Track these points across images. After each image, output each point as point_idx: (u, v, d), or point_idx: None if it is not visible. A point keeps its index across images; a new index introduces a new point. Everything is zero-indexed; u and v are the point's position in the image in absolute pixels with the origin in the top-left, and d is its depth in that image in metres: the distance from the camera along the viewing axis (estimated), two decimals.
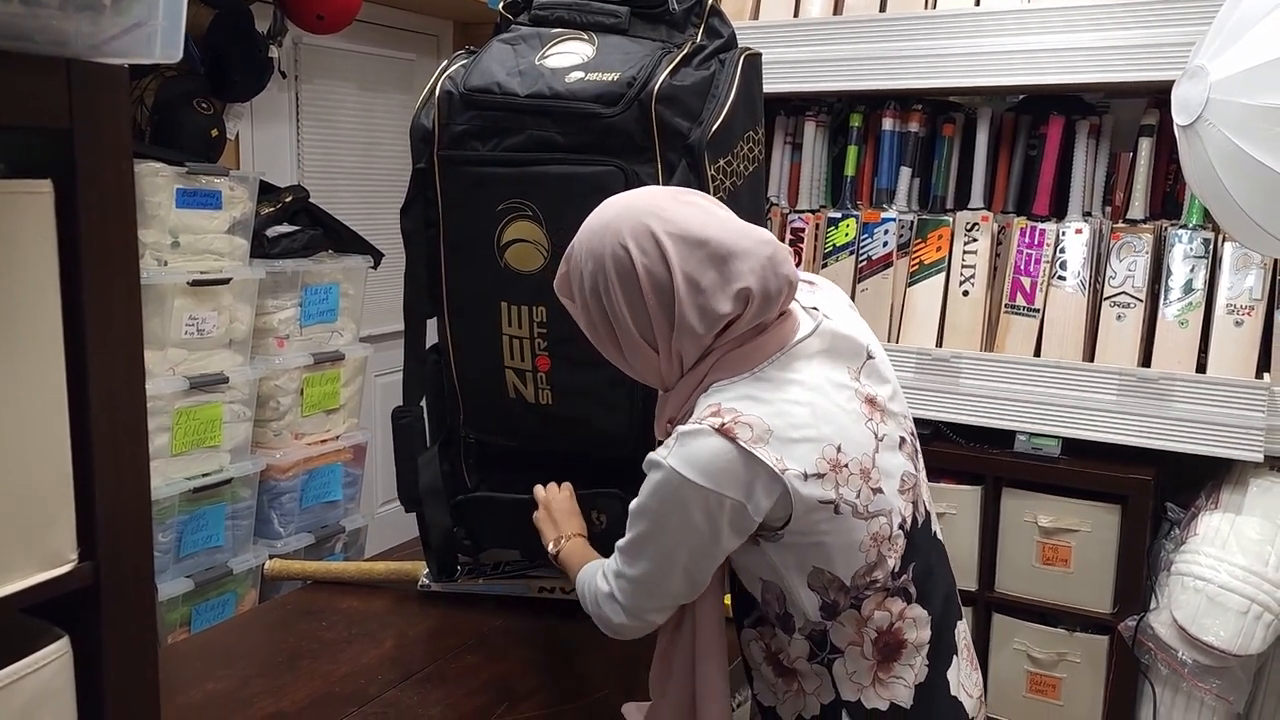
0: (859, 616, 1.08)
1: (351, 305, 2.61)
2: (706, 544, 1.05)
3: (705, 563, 1.07)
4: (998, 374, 2.33)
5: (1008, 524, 2.33)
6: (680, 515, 1.03)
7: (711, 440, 1.02)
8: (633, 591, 1.11)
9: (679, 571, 1.07)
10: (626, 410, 1.42)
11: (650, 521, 1.06)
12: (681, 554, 1.05)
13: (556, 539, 1.31)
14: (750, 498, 1.02)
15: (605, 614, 1.14)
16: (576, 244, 1.08)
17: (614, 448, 1.45)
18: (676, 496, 1.02)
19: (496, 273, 1.43)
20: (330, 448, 2.53)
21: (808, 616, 1.09)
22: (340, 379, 2.54)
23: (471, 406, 1.55)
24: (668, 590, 1.09)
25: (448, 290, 1.52)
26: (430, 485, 1.56)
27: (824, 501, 1.04)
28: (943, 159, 2.55)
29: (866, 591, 1.08)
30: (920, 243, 2.47)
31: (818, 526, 1.04)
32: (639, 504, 1.07)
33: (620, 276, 1.04)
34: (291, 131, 2.93)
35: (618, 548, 1.12)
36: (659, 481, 1.03)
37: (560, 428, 1.47)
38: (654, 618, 1.12)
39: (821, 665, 1.10)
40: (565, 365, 1.44)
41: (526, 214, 1.40)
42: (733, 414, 1.03)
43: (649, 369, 1.09)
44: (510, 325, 1.44)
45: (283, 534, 2.45)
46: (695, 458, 1.02)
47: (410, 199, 1.51)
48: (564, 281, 1.11)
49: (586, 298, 1.07)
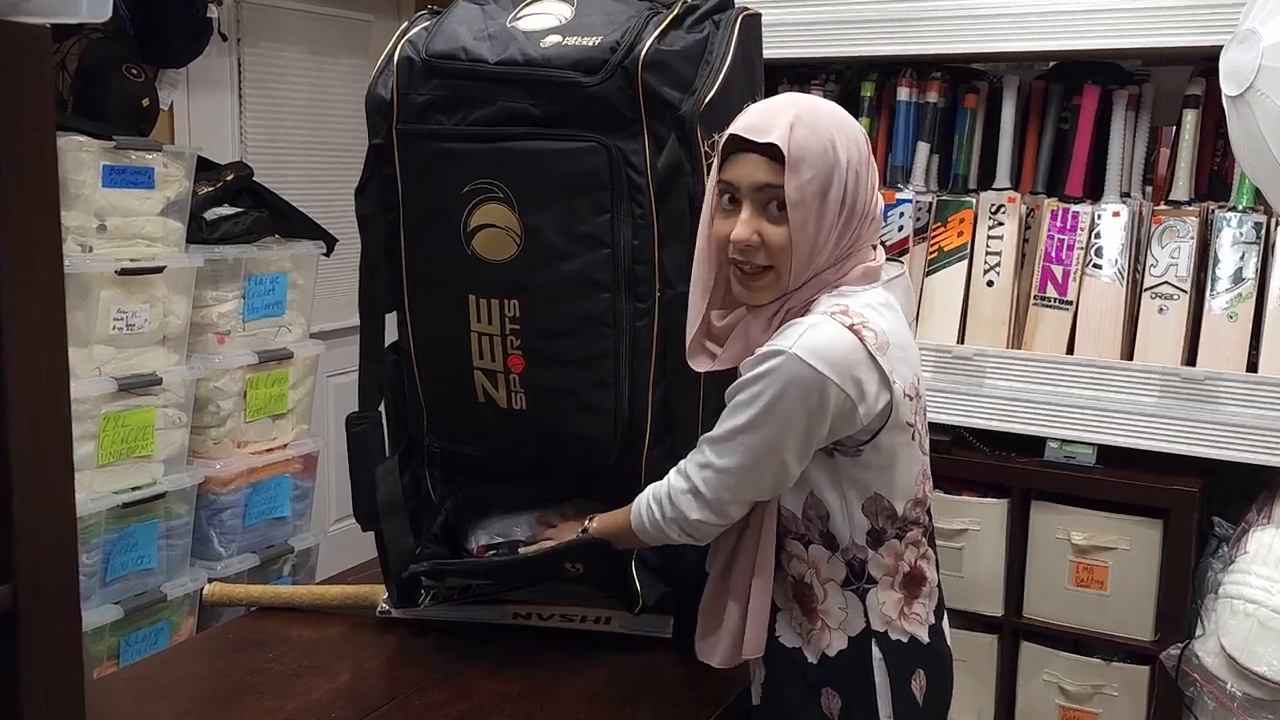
0: (898, 549, 1.27)
1: (301, 297, 2.61)
2: (810, 435, 1.19)
3: (803, 454, 1.21)
4: (1026, 373, 2.34)
5: (1037, 541, 2.34)
6: (793, 402, 1.16)
7: (843, 334, 1.17)
8: (720, 483, 1.24)
9: (776, 461, 1.20)
10: (610, 414, 1.43)
11: (758, 409, 1.18)
12: (786, 442, 1.19)
13: (581, 530, 1.42)
14: (863, 399, 1.18)
15: (681, 510, 1.27)
16: (815, 117, 1.20)
17: (596, 456, 1.45)
18: (796, 383, 1.16)
19: (463, 262, 1.43)
20: (277, 457, 2.53)
21: (854, 539, 1.25)
22: (288, 380, 2.54)
23: (436, 411, 1.55)
24: (758, 481, 1.23)
25: (408, 281, 1.52)
26: (389, 500, 1.56)
27: (909, 424, 1.23)
28: (965, 133, 2.56)
29: (910, 526, 1.27)
30: (939, 227, 2.48)
31: (896, 450, 1.23)
32: (743, 394, 1.19)
33: (867, 156, 1.23)
34: (233, 101, 2.93)
35: (707, 441, 1.25)
36: (775, 367, 1.17)
37: (536, 434, 1.47)
38: (734, 511, 1.26)
39: (854, 594, 1.27)
40: (541, 365, 1.44)
41: (496, 196, 1.40)
42: (860, 317, 1.20)
43: (811, 258, 1.22)
44: (479, 321, 1.45)
45: (223, 554, 2.45)
46: (823, 347, 1.16)
47: (366, 178, 1.51)
48: (807, 140, 1.19)
49: (837, 166, 1.19)
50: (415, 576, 1.57)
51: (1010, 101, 2.50)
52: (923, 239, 2.50)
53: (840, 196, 1.20)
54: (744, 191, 1.22)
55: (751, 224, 1.21)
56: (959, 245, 2.46)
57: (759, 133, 1.20)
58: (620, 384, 1.42)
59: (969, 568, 2.37)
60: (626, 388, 1.42)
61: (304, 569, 2.63)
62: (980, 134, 2.56)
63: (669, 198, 1.38)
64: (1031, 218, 2.46)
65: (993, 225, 2.44)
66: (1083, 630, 2.32)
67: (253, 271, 2.47)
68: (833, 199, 1.20)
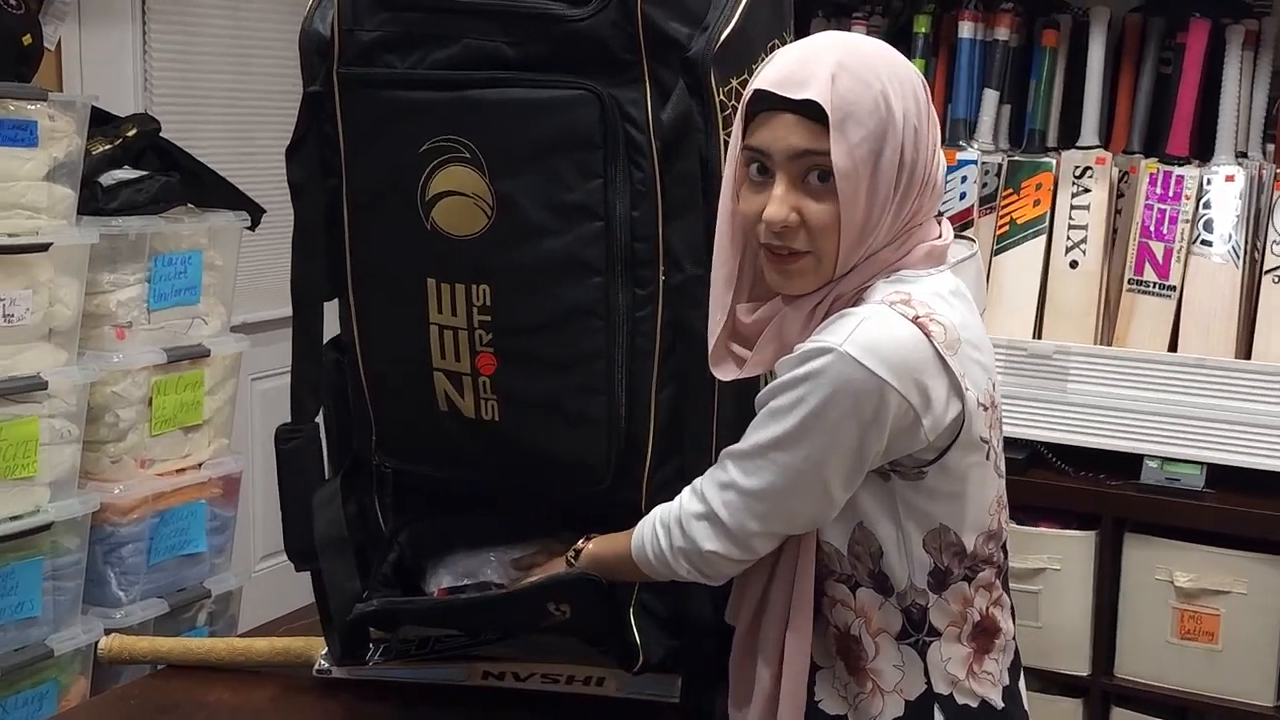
0: (966, 593, 1.27)
1: (220, 281, 2.61)
2: (862, 454, 1.18)
3: (851, 478, 1.21)
4: (1118, 376, 2.33)
5: (1132, 584, 2.34)
6: (842, 412, 1.15)
7: (906, 329, 1.17)
8: (745, 508, 1.23)
9: (817, 486, 1.20)
10: (602, 428, 1.43)
11: (797, 419, 1.17)
12: (831, 462, 1.18)
13: (571, 555, 1.43)
14: (928, 409, 1.17)
15: (694, 538, 1.26)
16: (862, 63, 1.19)
17: (585, 481, 1.45)
18: (846, 388, 1.14)
19: (421, 238, 1.43)
20: (190, 480, 2.53)
21: (912, 581, 1.25)
22: (204, 384, 2.54)
23: (387, 423, 1.55)
24: (793, 510, 1.22)
25: (352, 262, 1.51)
26: (330, 533, 1.56)
27: (983, 441, 1.23)
28: (1042, 78, 2.55)
29: (982, 565, 1.27)
30: (1012, 194, 2.48)
31: (967, 471, 1.23)
32: (780, 399, 1.19)
33: (926, 107, 1.22)
34: (135, 38, 2.92)
35: (731, 455, 1.24)
36: (821, 368, 1.15)
37: (510, 453, 1.47)
38: (759, 545, 1.25)
39: (913, 648, 1.26)
40: (516, 366, 1.43)
41: (462, 157, 1.40)
42: (926, 308, 1.19)
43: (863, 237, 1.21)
44: (440, 311, 1.44)
45: (124, 600, 2.44)
46: (881, 345, 1.15)
47: (300, 136, 1.50)
48: (854, 93, 1.18)
49: (891, 123, 1.18)
50: (362, 624, 1.57)
51: (1099, 39, 2.49)
52: (990, 209, 2.50)
53: (896, 160, 1.19)
54: (777, 161, 1.21)
55: (787, 200, 1.20)
56: (1035, 217, 2.45)
57: (793, 87, 1.19)
58: (615, 390, 1.41)
59: (1048, 616, 2.37)
60: (623, 395, 1.41)
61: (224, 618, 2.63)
62: (1062, 79, 2.56)
63: (676, 159, 1.38)
64: (1125, 183, 2.45)
65: (1077, 192, 2.43)
66: (1188, 694, 2.32)
67: (160, 249, 2.47)
68: (887, 164, 1.19)
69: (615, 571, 1.39)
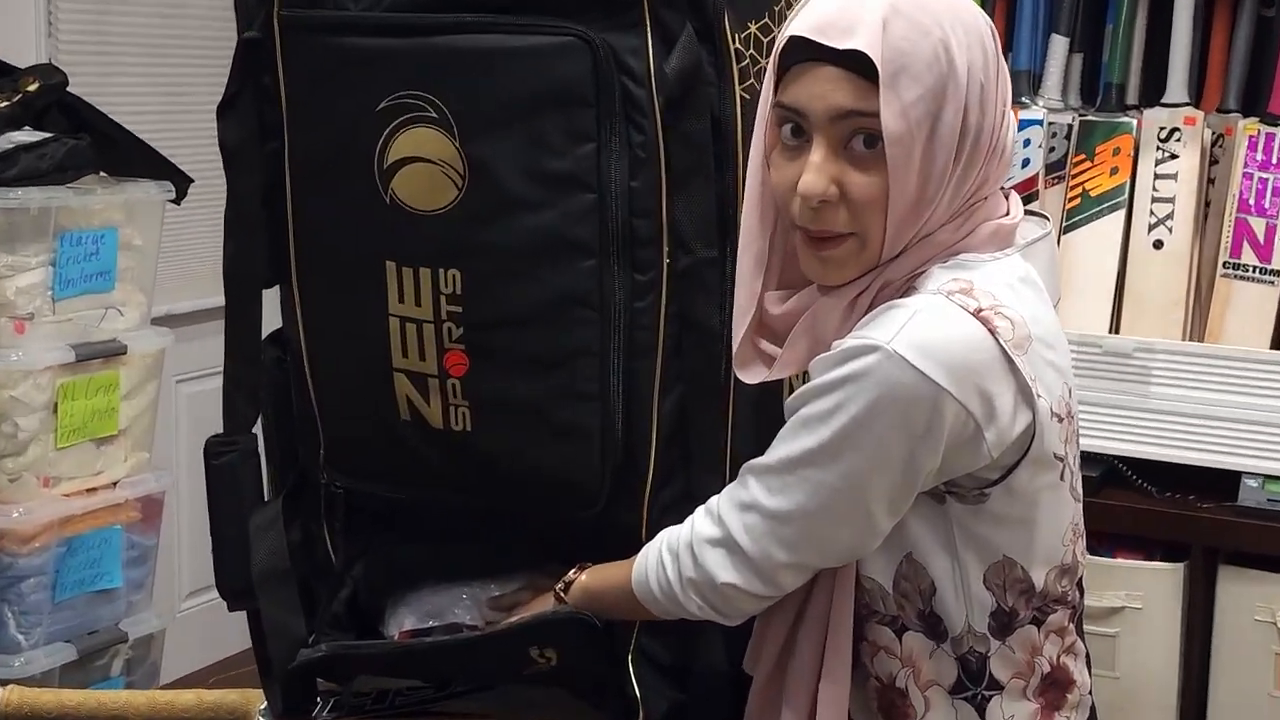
0: (1034, 639, 1.26)
1: (139, 264, 2.60)
2: (913, 472, 1.17)
3: (899, 500, 1.20)
4: (1211, 378, 2.33)
5: (1228, 625, 2.34)
6: (889, 422, 1.15)
7: (966, 324, 1.16)
8: (770, 533, 1.22)
9: (858, 510, 1.19)
10: (594, 440, 1.42)
11: (835, 429, 1.17)
12: (874, 482, 1.17)
13: (560, 588, 1.44)
14: (992, 420, 1.16)
15: (707, 569, 1.25)
16: (917, 5, 1.19)
17: (574, 503, 1.45)
18: (895, 393, 1.14)
19: (378, 214, 1.43)
20: (104, 501, 2.52)
21: (971, 625, 1.25)
22: (120, 387, 2.53)
23: (338, 435, 1.55)
24: (827, 537, 1.22)
25: (297, 242, 1.51)
26: (270, 565, 1.56)
27: (1056, 457, 1.22)
28: (1121, 23, 2.55)
29: (1053, 605, 1.26)
30: (1083, 161, 2.48)
31: (1038, 493, 1.22)
32: (814, 405, 1.19)
33: (995, 59, 1.24)
34: None
35: (755, 471, 1.24)
36: (864, 369, 1.15)
37: (485, 470, 1.47)
38: (785, 579, 1.24)
39: (970, 704, 1.26)
40: (492, 367, 1.44)
41: (427, 116, 1.40)
42: (991, 300, 1.18)
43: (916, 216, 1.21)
44: (402, 301, 1.44)
45: (24, 644, 2.44)
46: (937, 343, 1.15)
47: (235, 91, 1.50)
48: (909, 42, 1.18)
49: (953, 78, 1.18)
50: (308, 673, 1.56)
51: None
52: (1058, 179, 2.50)
53: (958, 123, 1.18)
54: (815, 122, 1.20)
55: (826, 170, 1.19)
56: (1112, 188, 2.45)
57: (836, 34, 1.18)
58: (610, 394, 1.41)
59: (1128, 665, 2.37)
60: (619, 400, 1.41)
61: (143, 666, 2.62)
62: (1144, 23, 2.55)
63: (683, 118, 1.38)
64: (1219, 147, 2.45)
65: (1162, 159, 2.43)
66: None
67: (68, 226, 2.46)
68: (947, 128, 1.18)
69: (612, 608, 1.39)
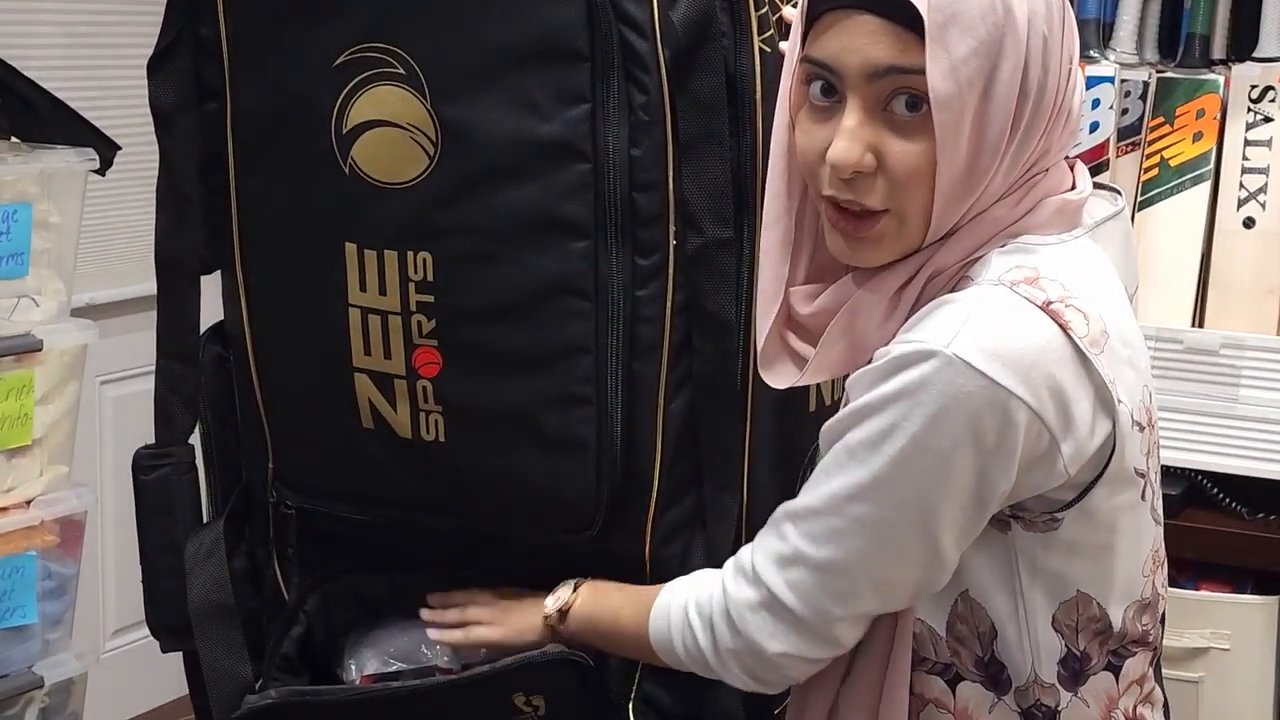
0: (1111, 689, 1.25)
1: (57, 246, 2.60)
2: (983, 496, 1.16)
3: (967, 531, 1.19)
4: None
5: None
6: (955, 438, 1.13)
7: (1034, 320, 1.15)
8: (821, 588, 1.21)
9: (922, 544, 1.18)
10: (591, 451, 1.43)
11: (891, 456, 1.15)
12: (939, 510, 1.16)
13: (555, 610, 1.44)
14: (1068, 431, 1.15)
15: (752, 638, 1.24)
16: None
17: (566, 525, 1.46)
18: (959, 404, 1.13)
19: (336, 187, 1.44)
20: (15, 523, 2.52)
21: (1037, 674, 1.24)
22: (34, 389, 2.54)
23: (290, 446, 1.56)
24: (890, 580, 1.21)
25: (241, 220, 1.52)
26: (209, 598, 1.57)
27: (1138, 474, 1.21)
28: None
29: (1132, 647, 1.26)
30: (1163, 124, 2.48)
31: (1116, 517, 1.21)
32: (862, 430, 1.17)
33: (1060, 8, 1.22)
34: None
35: (793, 515, 1.23)
36: (923, 380, 1.14)
37: (461, 487, 1.48)
38: (845, 634, 1.24)
39: None
40: (469, 366, 1.44)
41: (394, 73, 1.41)
42: (1060, 290, 1.17)
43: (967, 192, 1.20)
44: (364, 289, 1.45)
45: None
46: (1003, 343, 1.14)
47: (168, 43, 1.51)
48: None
49: (1011, 30, 1.17)
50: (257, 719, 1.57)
51: None
52: (1133, 146, 2.50)
53: (1017, 83, 1.18)
54: (849, 80, 1.19)
55: (861, 136, 1.18)
56: (1195, 157, 2.45)
57: None
58: (607, 398, 1.42)
59: (1212, 714, 2.37)
60: (619, 405, 1.42)
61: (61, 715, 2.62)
62: None
63: (693, 75, 1.39)
64: None
65: (1254, 122, 2.43)
66: None
67: None
68: (1003, 89, 1.17)
69: (617, 647, 1.39)
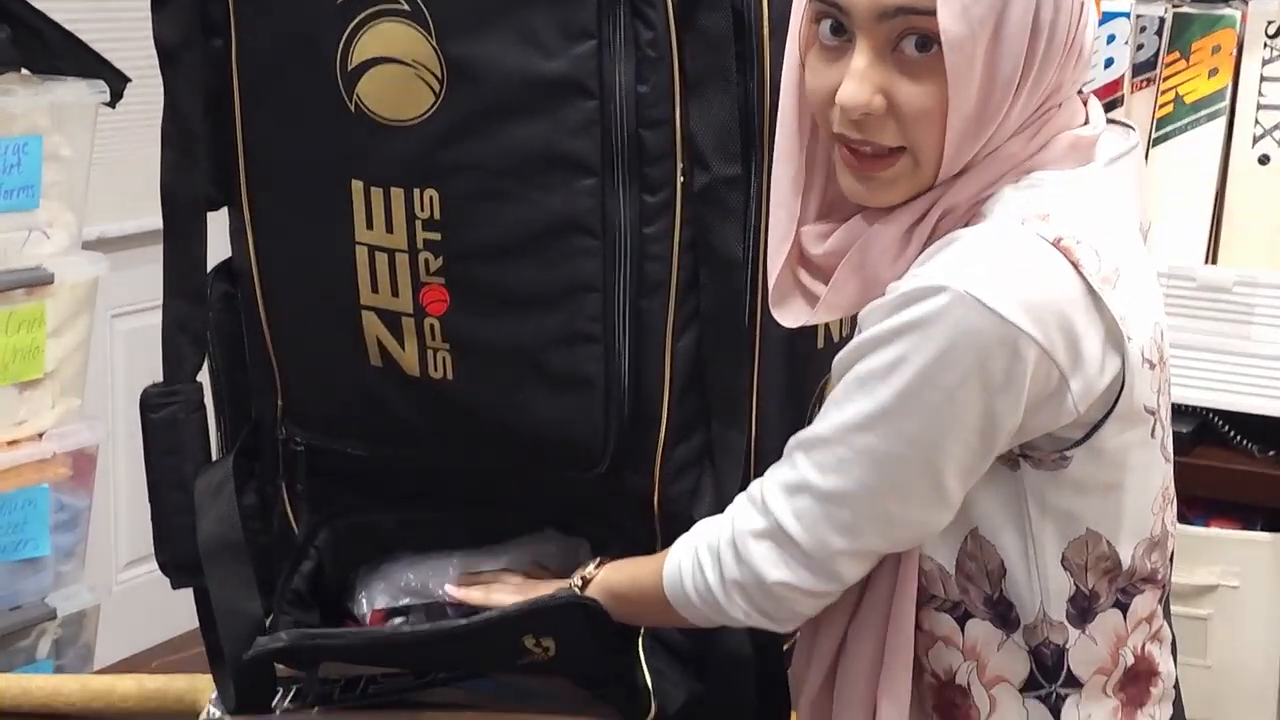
0: (1120, 627, 1.26)
1: (68, 179, 2.60)
2: (991, 431, 1.17)
3: (973, 469, 1.20)
4: None
5: None
6: (963, 374, 1.14)
7: (1046, 257, 1.16)
8: (827, 519, 1.21)
9: (927, 481, 1.19)
10: (597, 389, 1.43)
11: (898, 388, 1.16)
12: (944, 447, 1.17)
13: (578, 581, 1.44)
14: (1078, 368, 1.16)
15: (754, 566, 1.25)
16: None
17: (574, 462, 1.46)
18: (967, 341, 1.14)
19: (342, 125, 1.44)
20: (28, 456, 2.53)
21: (1046, 611, 1.24)
22: (45, 323, 2.54)
23: (299, 383, 1.56)
24: (894, 516, 1.21)
25: (247, 158, 1.52)
26: (219, 535, 1.57)
27: (1148, 411, 1.22)
28: None
29: (1141, 585, 1.27)
30: (1178, 60, 2.47)
31: (1126, 454, 1.22)
32: (870, 361, 1.18)
33: None
34: None
35: (803, 444, 1.24)
36: (931, 314, 1.14)
37: (469, 425, 1.48)
38: (847, 570, 1.24)
39: (1043, 704, 1.26)
40: (476, 304, 1.44)
41: (398, 9, 1.40)
42: (1072, 227, 1.18)
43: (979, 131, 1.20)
44: (371, 227, 1.45)
45: None
46: (1014, 280, 1.14)
47: None
48: None
49: None
50: (266, 660, 1.57)
51: None
52: (1147, 82, 2.49)
53: (1029, 22, 1.17)
54: (858, 20, 1.18)
55: (871, 77, 1.18)
56: (1211, 93, 2.44)
57: None
58: (615, 336, 1.42)
59: (1221, 651, 2.38)
60: (625, 342, 1.42)
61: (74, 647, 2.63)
62: None
63: (700, 10, 1.37)
64: None
65: (1271, 58, 2.42)
66: None
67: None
68: (1015, 27, 1.17)
69: (640, 613, 1.40)
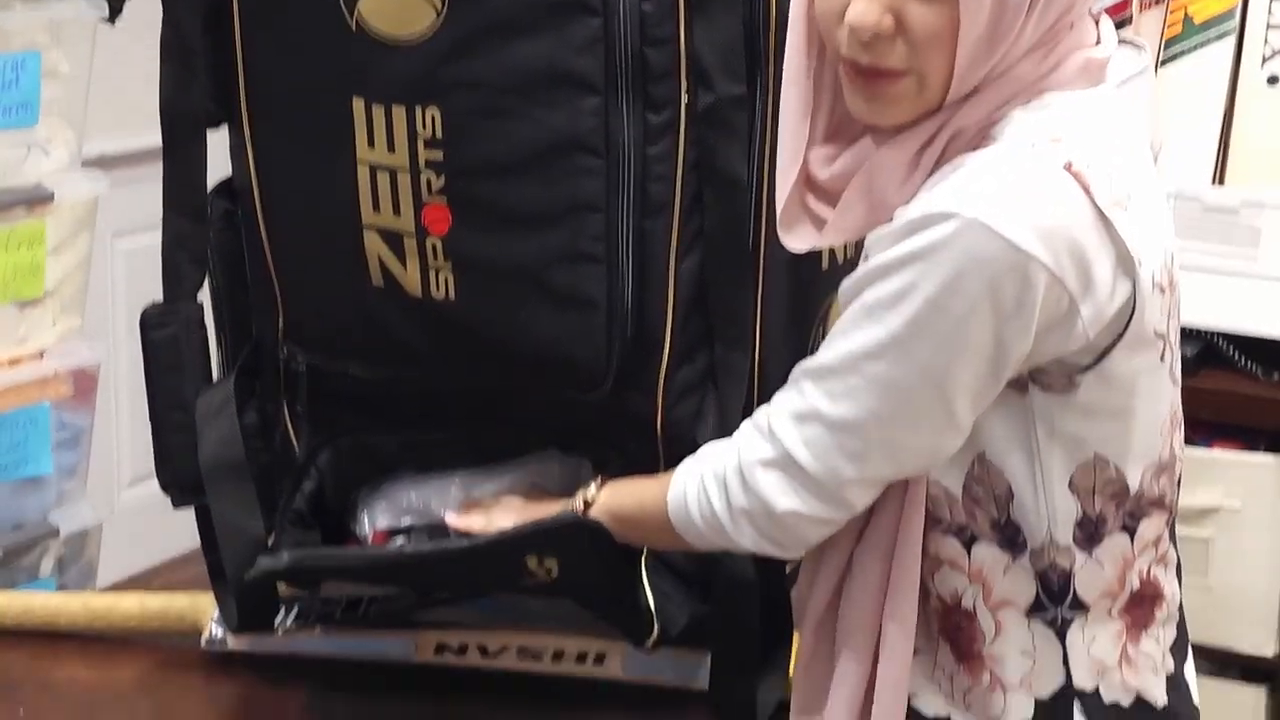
0: (1126, 551, 1.27)
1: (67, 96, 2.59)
2: (1000, 357, 1.17)
3: (983, 394, 1.20)
4: None
5: None
6: (972, 300, 1.14)
7: (1057, 181, 1.15)
8: (836, 446, 1.21)
9: (936, 407, 1.19)
10: (599, 309, 1.43)
11: (907, 315, 1.16)
12: (953, 373, 1.17)
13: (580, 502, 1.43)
14: (1088, 293, 1.15)
15: (762, 494, 1.24)
16: None
17: (577, 383, 1.46)
18: (977, 267, 1.13)
19: (343, 42, 1.43)
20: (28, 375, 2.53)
21: (1053, 535, 1.25)
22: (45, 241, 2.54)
23: (300, 303, 1.56)
24: (902, 443, 1.21)
25: (247, 75, 1.52)
26: (220, 455, 1.58)
27: (1157, 335, 1.22)
28: None
29: (1148, 509, 1.27)
30: None
31: (1135, 379, 1.22)
32: (878, 289, 1.17)
33: None
34: None
35: (810, 372, 1.23)
36: (940, 241, 1.13)
37: (471, 345, 1.48)
38: (855, 497, 1.24)
39: (1049, 628, 1.27)
40: (479, 223, 1.44)
41: None
42: (1083, 151, 1.16)
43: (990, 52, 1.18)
44: (373, 146, 1.45)
45: None
46: (1024, 204, 1.13)
47: None
48: None
49: None
50: (269, 579, 1.58)
51: None
52: (1155, 1, 2.47)
53: None
54: None
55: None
56: (1220, 13, 2.43)
57: None
58: (618, 256, 1.42)
59: (1223, 573, 2.38)
60: (629, 263, 1.42)
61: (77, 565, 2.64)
62: None
63: None
64: None
65: None
66: None
67: None
68: None
69: (642, 535, 1.40)
